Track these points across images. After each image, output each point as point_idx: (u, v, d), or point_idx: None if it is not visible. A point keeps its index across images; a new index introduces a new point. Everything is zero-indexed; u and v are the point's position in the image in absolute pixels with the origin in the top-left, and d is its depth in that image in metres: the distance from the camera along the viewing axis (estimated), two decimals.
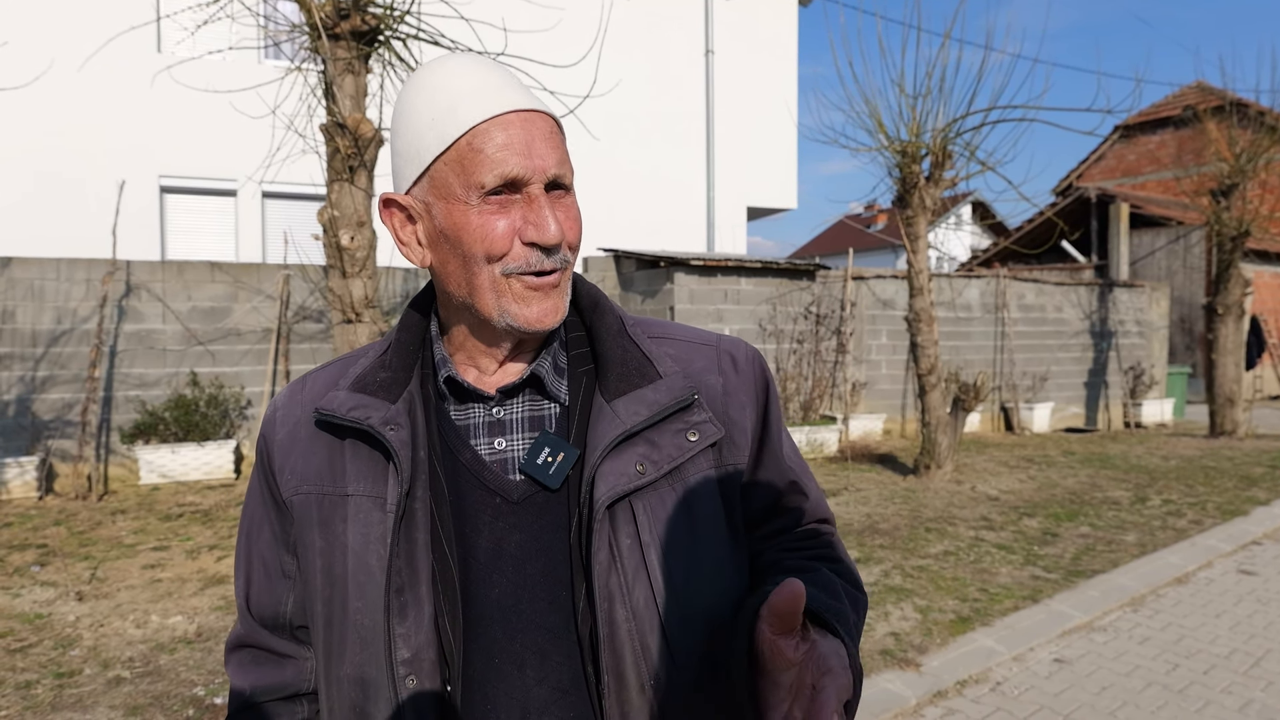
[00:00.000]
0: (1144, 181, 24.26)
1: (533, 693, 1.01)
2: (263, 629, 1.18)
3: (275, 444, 1.15)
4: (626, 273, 11.33)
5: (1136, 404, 15.45)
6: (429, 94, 1.02)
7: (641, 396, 1.07)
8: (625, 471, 1.03)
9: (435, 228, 1.04)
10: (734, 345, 1.21)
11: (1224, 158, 13.39)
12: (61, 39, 11.04)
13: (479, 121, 0.99)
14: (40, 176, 11.41)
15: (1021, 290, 14.51)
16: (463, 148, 1.00)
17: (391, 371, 1.11)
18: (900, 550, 6.67)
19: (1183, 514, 8.04)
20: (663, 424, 1.07)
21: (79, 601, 5.32)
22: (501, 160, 0.99)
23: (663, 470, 1.05)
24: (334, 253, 5.44)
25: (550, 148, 1.02)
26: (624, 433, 1.04)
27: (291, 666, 1.18)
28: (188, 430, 8.90)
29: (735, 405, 1.15)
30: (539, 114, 1.03)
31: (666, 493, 1.06)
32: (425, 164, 1.03)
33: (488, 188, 0.99)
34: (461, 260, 1.03)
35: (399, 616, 1.00)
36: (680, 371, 1.12)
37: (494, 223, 1.00)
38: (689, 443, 1.08)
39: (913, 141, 9.51)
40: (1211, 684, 4.45)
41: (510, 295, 1.03)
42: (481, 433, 1.09)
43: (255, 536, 1.18)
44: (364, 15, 5.23)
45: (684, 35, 15.84)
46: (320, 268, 9.71)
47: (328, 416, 1.08)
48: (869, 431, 12.52)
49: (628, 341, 1.13)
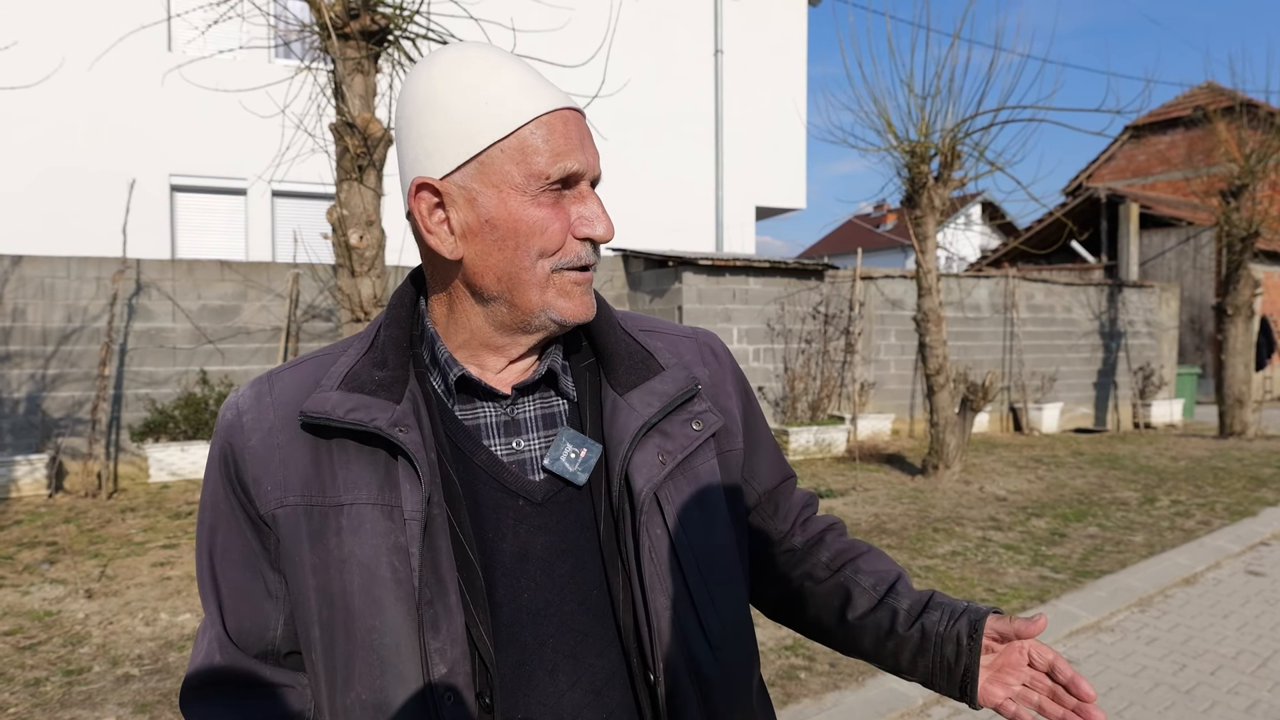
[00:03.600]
0: (1154, 182, 24.18)
1: (565, 698, 0.99)
2: (250, 658, 1.05)
3: (247, 452, 1.03)
4: (635, 272, 11.34)
5: (1146, 404, 15.40)
6: (477, 77, 0.98)
7: (651, 388, 1.08)
8: (652, 463, 1.05)
9: (480, 217, 0.99)
10: (709, 337, 1.25)
11: (1234, 158, 13.35)
12: (72, 38, 11.09)
13: (543, 113, 0.98)
14: (51, 174, 11.48)
15: (1031, 290, 14.47)
16: (525, 136, 0.97)
17: (389, 370, 1.03)
18: (908, 550, 6.66)
19: (1191, 515, 8.02)
20: (672, 415, 1.09)
21: (88, 599, 5.35)
22: (566, 153, 0.98)
23: (677, 460, 1.07)
24: (343, 252, 5.46)
25: (594, 148, 1.03)
26: (645, 424, 1.05)
27: (293, 695, 1.06)
28: (197, 428, 8.94)
29: (723, 394, 1.19)
30: (582, 115, 1.03)
31: (681, 482, 1.07)
32: (479, 148, 0.97)
33: (552, 179, 0.98)
34: (510, 252, 0.99)
35: (432, 631, 0.94)
36: (678, 363, 1.13)
37: (551, 216, 0.99)
38: (694, 432, 1.10)
39: (922, 141, 9.49)
40: (1219, 684, 4.44)
41: (556, 289, 1.01)
42: (496, 433, 1.06)
43: (222, 557, 1.05)
44: (374, 15, 5.26)
45: (693, 35, 15.85)
46: (329, 267, 9.73)
47: (319, 419, 0.98)
48: (877, 431, 12.51)
49: (625, 335, 1.13)
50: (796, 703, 4.04)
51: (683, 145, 15.72)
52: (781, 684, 4.21)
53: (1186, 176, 20.07)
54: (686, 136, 15.75)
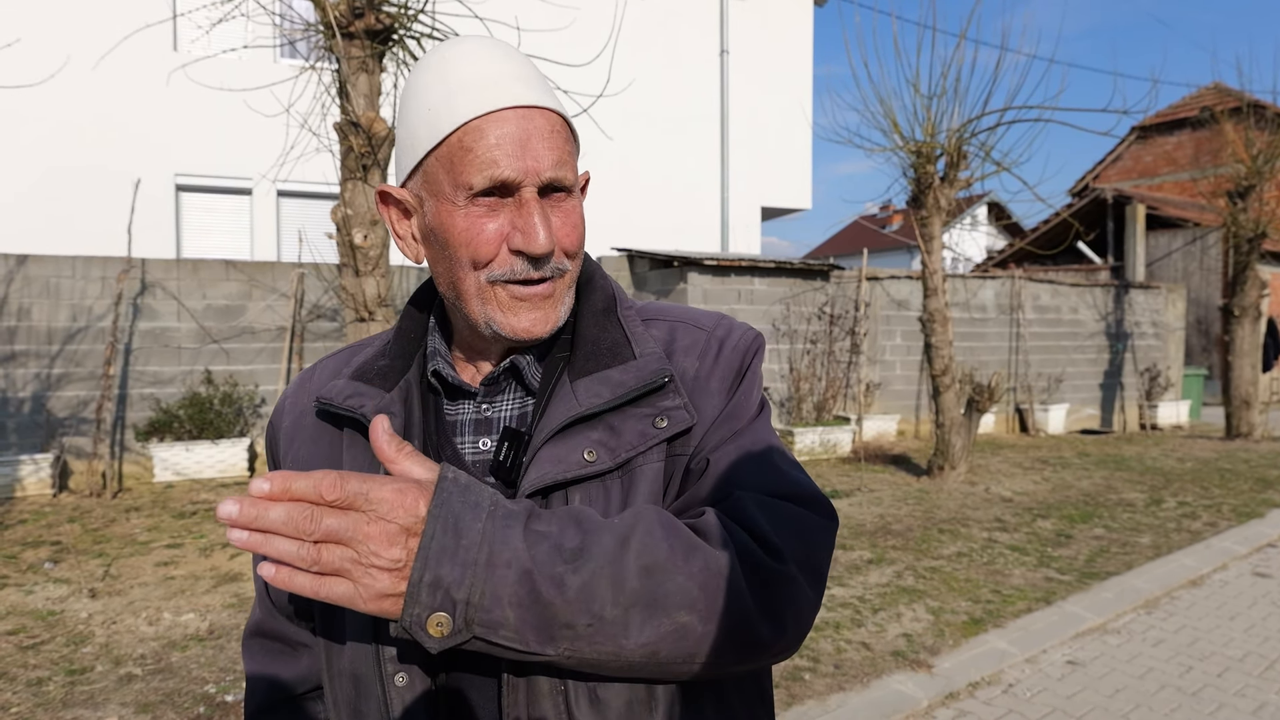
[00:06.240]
0: (1161, 183, 24.10)
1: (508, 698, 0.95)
2: (280, 615, 1.15)
3: (281, 432, 1.13)
4: (640, 272, 11.33)
5: (1152, 406, 15.35)
6: (428, 82, 0.97)
7: (606, 378, 0.99)
8: (566, 459, 0.95)
9: (426, 225, 1.00)
10: (730, 329, 1.10)
11: (1241, 159, 13.32)
12: (77, 36, 11.10)
13: (472, 117, 0.93)
14: (56, 174, 11.49)
15: (1037, 291, 14.44)
16: (454, 144, 0.94)
17: (390, 360, 1.08)
18: (913, 551, 6.64)
19: (1198, 516, 7.99)
20: (628, 408, 0.99)
21: (92, 598, 5.34)
22: (491, 161, 0.93)
23: (619, 458, 0.96)
24: (347, 251, 5.45)
25: (548, 148, 0.95)
26: (574, 415, 0.97)
27: (307, 657, 1.15)
28: (202, 428, 8.94)
29: (703, 392, 1.03)
30: (540, 110, 0.96)
31: (613, 484, 0.96)
32: (419, 157, 0.97)
33: (475, 189, 0.93)
34: (448, 262, 0.98)
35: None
36: (657, 354, 1.02)
37: (481, 226, 0.95)
38: (655, 430, 0.98)
39: (928, 142, 9.47)
40: (1225, 686, 4.42)
41: (495, 303, 0.97)
42: (467, 430, 1.05)
43: None
44: (378, 14, 5.25)
45: (699, 35, 15.83)
46: (334, 266, 9.73)
47: (326, 405, 1.05)
48: (883, 432, 12.48)
49: (610, 321, 1.06)
50: (801, 704, 4.03)
51: (688, 145, 15.70)
52: (785, 685, 4.20)
53: (1193, 177, 20.04)
54: (692, 136, 15.74)
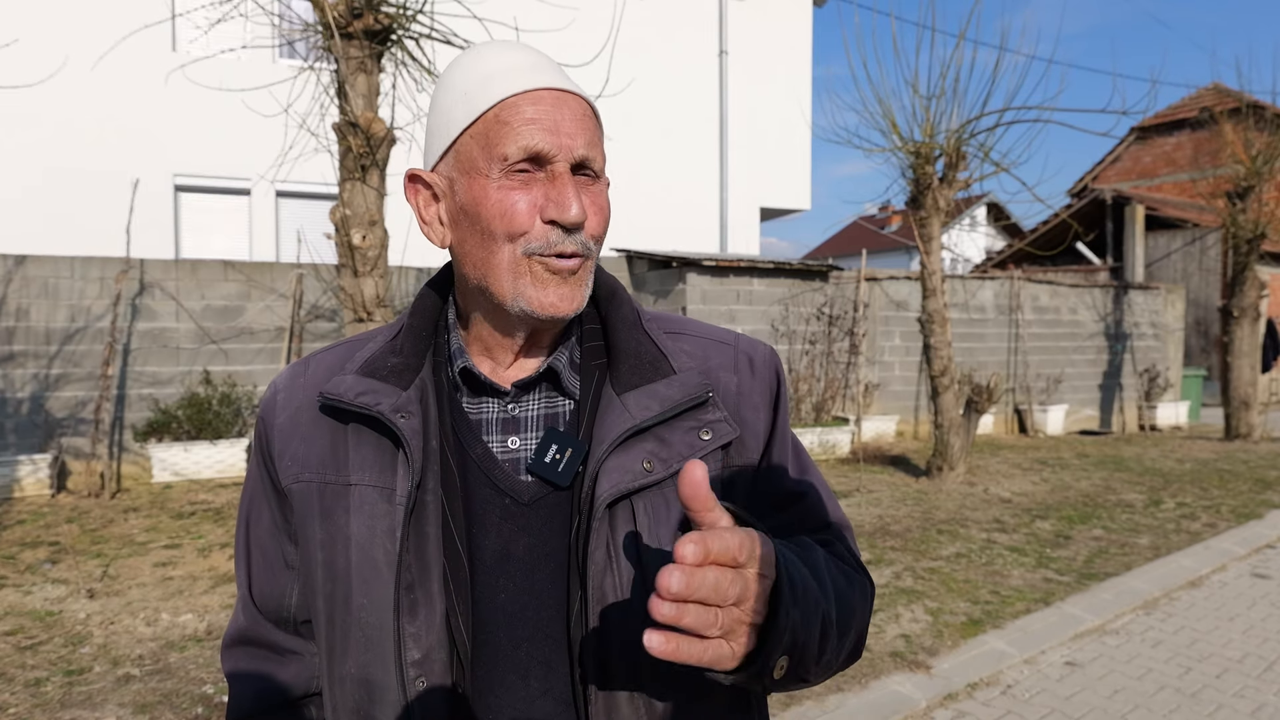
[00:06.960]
0: (1160, 183, 24.10)
1: (536, 704, 0.98)
2: (266, 621, 1.13)
3: (275, 428, 1.11)
4: (639, 273, 11.32)
5: (1151, 406, 15.35)
6: (464, 69, 1.01)
7: (654, 391, 1.02)
8: (631, 469, 0.98)
9: (457, 204, 1.01)
10: (752, 346, 1.16)
11: (1240, 160, 13.32)
12: (75, 37, 11.10)
13: (509, 95, 0.97)
14: (54, 174, 11.49)
15: (1036, 292, 14.44)
16: (489, 119, 0.97)
17: (403, 357, 1.07)
18: (912, 552, 6.64)
19: (1197, 517, 7.99)
20: (675, 421, 1.03)
21: (90, 599, 5.34)
22: (526, 133, 0.95)
23: (671, 469, 1.00)
24: (346, 252, 5.45)
25: (580, 129, 0.98)
26: (632, 427, 0.99)
27: (295, 664, 1.13)
28: (200, 428, 8.94)
29: (749, 406, 1.09)
30: (574, 96, 1.00)
31: (671, 493, 1.00)
32: (452, 137, 1.00)
33: (510, 160, 0.96)
34: (480, 237, 0.99)
35: (409, 615, 0.96)
36: (695, 368, 1.07)
37: (514, 198, 0.96)
38: (701, 441, 1.03)
39: (926, 142, 9.47)
40: (1224, 687, 4.42)
41: (529, 277, 0.98)
42: (495, 429, 1.05)
43: (255, 524, 1.13)
44: (377, 14, 5.25)
45: (698, 36, 15.83)
46: (333, 267, 9.73)
47: (334, 401, 1.03)
48: (881, 433, 12.48)
49: (642, 335, 1.09)
50: (799, 705, 4.02)
51: (687, 145, 15.70)
52: None
53: (1193, 178, 20.04)
54: (691, 137, 15.73)
